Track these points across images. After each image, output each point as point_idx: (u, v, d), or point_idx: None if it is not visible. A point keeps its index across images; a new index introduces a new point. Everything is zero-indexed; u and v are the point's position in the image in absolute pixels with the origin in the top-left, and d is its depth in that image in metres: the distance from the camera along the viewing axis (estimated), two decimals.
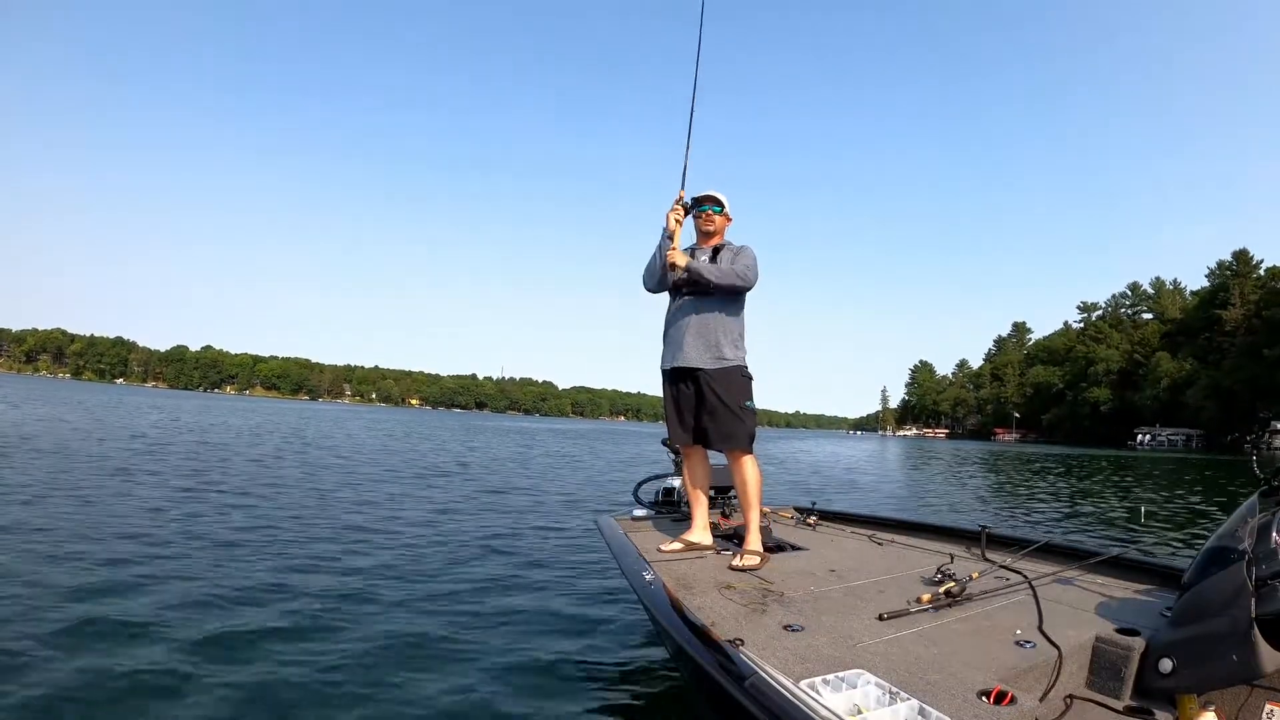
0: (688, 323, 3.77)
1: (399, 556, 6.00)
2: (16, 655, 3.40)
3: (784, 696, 1.83)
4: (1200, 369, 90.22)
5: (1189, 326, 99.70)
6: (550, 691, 3.42)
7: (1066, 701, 2.09)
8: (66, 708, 2.96)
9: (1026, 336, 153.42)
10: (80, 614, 3.99)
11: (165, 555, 5.46)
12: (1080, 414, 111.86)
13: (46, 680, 3.16)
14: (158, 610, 4.17)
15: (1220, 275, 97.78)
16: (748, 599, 2.80)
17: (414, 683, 3.41)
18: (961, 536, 4.16)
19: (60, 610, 4.05)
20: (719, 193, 3.95)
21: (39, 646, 3.52)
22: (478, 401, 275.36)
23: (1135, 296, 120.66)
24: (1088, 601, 2.81)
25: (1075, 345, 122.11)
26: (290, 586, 4.87)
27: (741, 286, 3.77)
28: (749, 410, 3.74)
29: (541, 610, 4.71)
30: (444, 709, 3.17)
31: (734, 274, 3.71)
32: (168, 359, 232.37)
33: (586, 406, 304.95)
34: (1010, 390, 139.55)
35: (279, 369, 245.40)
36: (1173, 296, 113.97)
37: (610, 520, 4.32)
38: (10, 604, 4.11)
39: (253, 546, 5.98)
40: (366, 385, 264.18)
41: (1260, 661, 1.94)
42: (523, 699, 3.31)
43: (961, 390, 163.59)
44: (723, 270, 3.71)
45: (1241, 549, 2.12)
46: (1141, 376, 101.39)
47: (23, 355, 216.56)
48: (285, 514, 7.73)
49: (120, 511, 7.09)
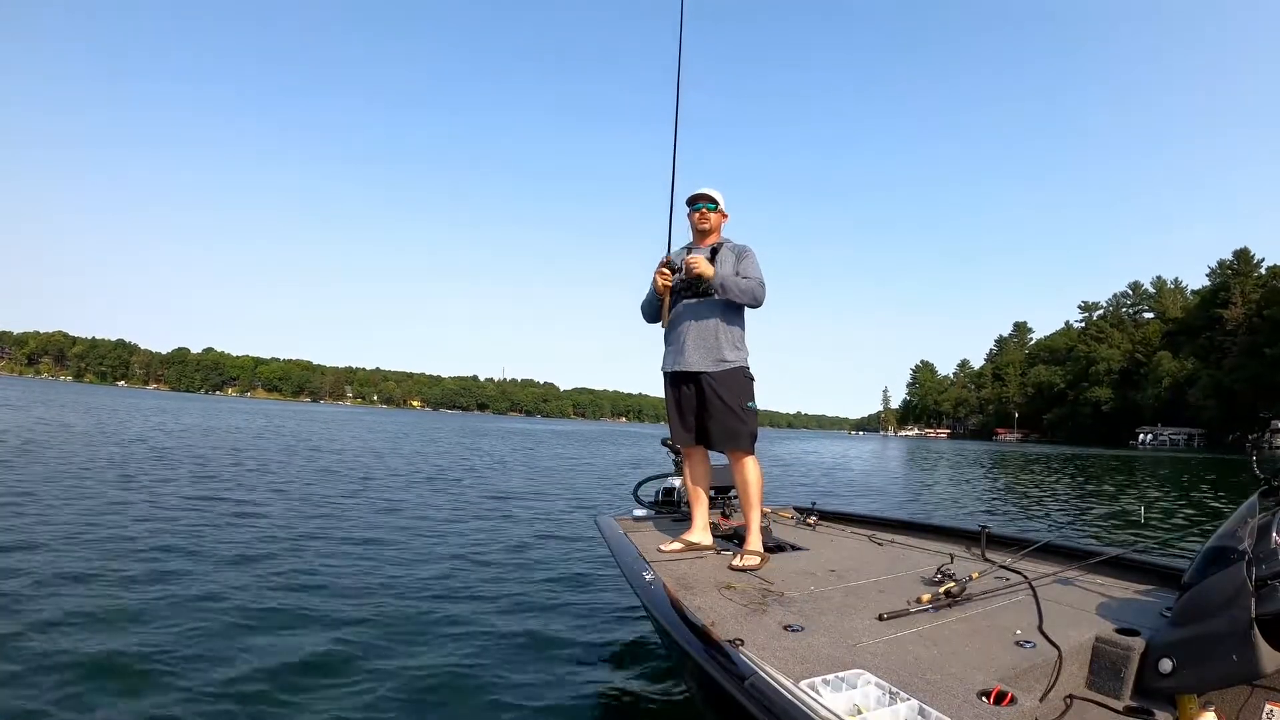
0: (689, 326, 3.76)
1: (400, 556, 6.02)
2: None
3: (784, 697, 1.83)
4: (1201, 368, 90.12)
5: (1190, 326, 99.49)
6: (550, 691, 3.42)
7: (1066, 702, 2.08)
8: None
9: (1028, 336, 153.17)
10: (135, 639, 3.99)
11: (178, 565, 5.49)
12: (1082, 413, 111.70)
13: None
14: (159, 617, 4.19)
15: (1221, 274, 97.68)
16: (748, 599, 2.80)
17: (413, 683, 3.41)
18: (961, 536, 4.16)
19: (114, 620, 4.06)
20: (713, 189, 3.93)
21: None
22: (479, 403, 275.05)
23: (1136, 296, 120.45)
24: (1088, 601, 2.80)
25: (1076, 345, 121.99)
26: (298, 588, 4.89)
27: (752, 306, 3.79)
28: (750, 411, 3.73)
29: (541, 610, 4.72)
30: (442, 708, 3.18)
31: (752, 294, 3.72)
32: (169, 361, 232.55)
33: (588, 408, 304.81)
34: (1012, 390, 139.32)
35: (280, 371, 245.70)
36: (1174, 295, 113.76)
37: (610, 520, 4.32)
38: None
39: (268, 550, 6.01)
40: (368, 387, 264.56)
41: (1260, 661, 1.94)
42: (522, 699, 3.31)
43: (963, 390, 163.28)
44: (743, 288, 3.69)
45: (1241, 549, 2.12)
46: (1143, 376, 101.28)
47: (24, 358, 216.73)
48: (302, 516, 7.78)
49: (152, 524, 7.08)
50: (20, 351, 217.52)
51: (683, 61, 3.97)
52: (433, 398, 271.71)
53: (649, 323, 4.06)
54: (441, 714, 3.15)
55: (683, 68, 3.95)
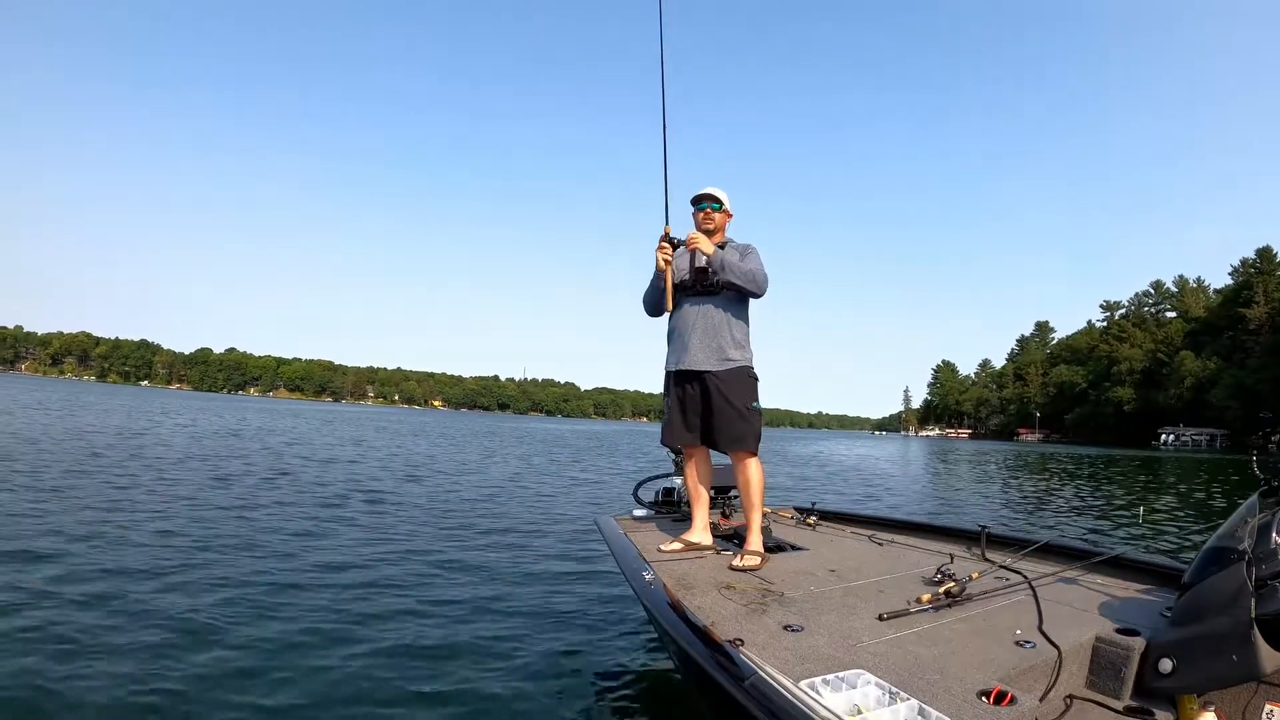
0: (694, 325, 3.76)
1: (398, 557, 6.06)
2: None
3: (784, 696, 1.83)
4: (1224, 368, 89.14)
5: (1213, 325, 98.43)
6: (550, 691, 3.44)
7: (1066, 702, 2.09)
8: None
9: (1049, 336, 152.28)
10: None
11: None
12: (1104, 414, 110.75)
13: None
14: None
15: (1244, 273, 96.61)
16: (748, 599, 2.80)
17: (412, 682, 3.44)
18: (961, 536, 4.15)
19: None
20: (717, 189, 3.92)
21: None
22: (500, 403, 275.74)
23: (1159, 295, 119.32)
24: (1088, 601, 2.79)
25: (1098, 344, 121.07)
26: (301, 588, 4.96)
27: (753, 292, 3.76)
28: (755, 411, 3.72)
29: (541, 610, 4.74)
30: (444, 708, 3.21)
31: (752, 277, 3.70)
32: (192, 361, 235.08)
33: (609, 407, 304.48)
34: (1033, 390, 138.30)
35: (302, 371, 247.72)
36: (1196, 295, 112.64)
37: (610, 520, 4.32)
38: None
39: (288, 546, 6.11)
40: (389, 387, 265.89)
41: (1260, 661, 1.94)
42: (522, 698, 3.34)
43: (984, 390, 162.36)
44: (743, 270, 3.67)
45: (1241, 549, 2.12)
46: (1165, 376, 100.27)
47: (48, 358, 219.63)
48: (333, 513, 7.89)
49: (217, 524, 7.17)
50: (45, 352, 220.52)
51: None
52: (454, 397, 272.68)
53: (651, 316, 4.05)
54: (441, 714, 3.17)
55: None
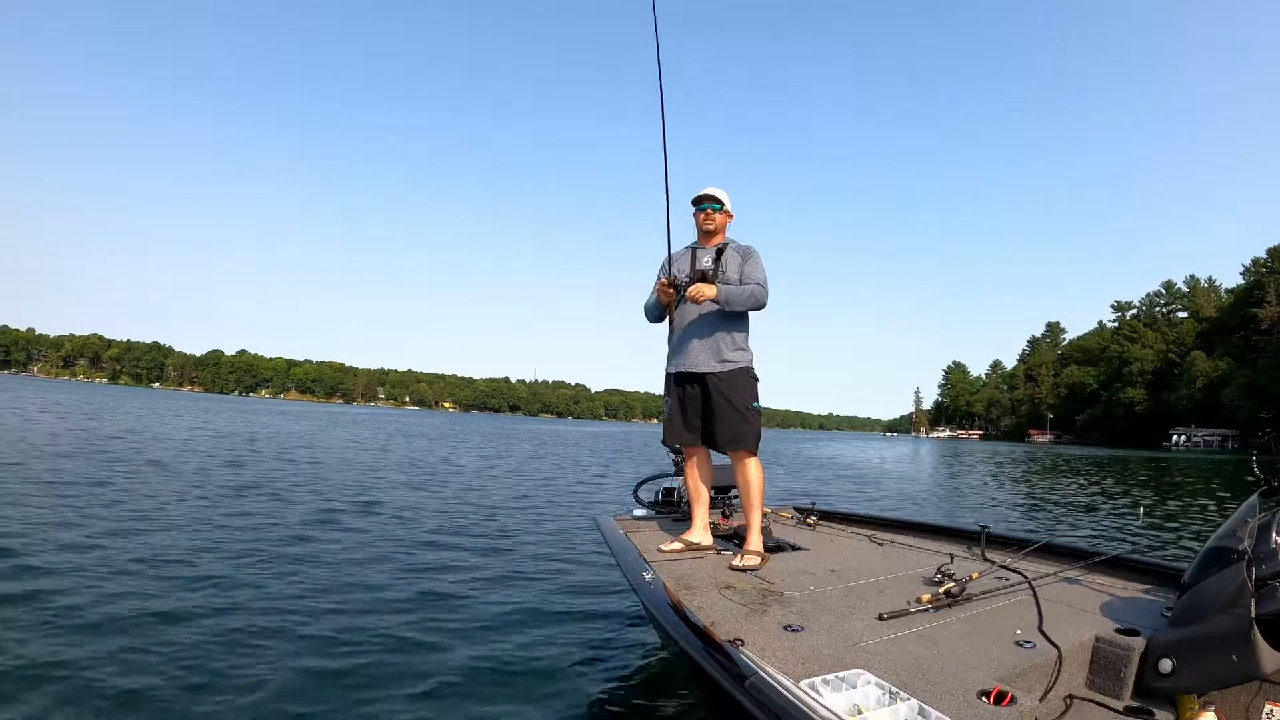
0: (694, 327, 3.79)
1: (399, 557, 6.09)
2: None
3: (784, 696, 1.84)
4: (1236, 368, 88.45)
5: (1224, 325, 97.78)
6: (550, 691, 3.45)
7: (1066, 701, 2.09)
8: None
9: (1060, 336, 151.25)
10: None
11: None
12: (1115, 414, 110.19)
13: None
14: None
15: (1256, 272, 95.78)
16: (748, 599, 2.81)
17: (412, 682, 3.45)
18: (961, 536, 4.16)
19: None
20: (718, 190, 3.93)
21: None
22: (510, 404, 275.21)
23: (1170, 295, 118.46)
24: (1088, 601, 2.80)
25: (1110, 345, 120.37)
26: (301, 587, 4.99)
27: (756, 310, 3.81)
28: (755, 412, 3.74)
29: (541, 610, 4.75)
30: (444, 708, 3.22)
31: (755, 301, 3.73)
32: (203, 363, 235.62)
33: (619, 409, 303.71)
34: (1044, 391, 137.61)
35: (313, 373, 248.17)
36: (1208, 294, 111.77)
37: (610, 520, 4.33)
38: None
39: (289, 548, 6.13)
40: (400, 389, 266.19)
41: (1260, 661, 1.94)
42: (523, 699, 3.35)
43: (995, 391, 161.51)
44: (744, 298, 3.70)
45: (1241, 549, 2.12)
46: (1176, 376, 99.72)
47: (60, 360, 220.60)
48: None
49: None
50: (56, 354, 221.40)
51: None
52: (464, 399, 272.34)
53: (651, 323, 4.09)
54: (441, 713, 3.18)
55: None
